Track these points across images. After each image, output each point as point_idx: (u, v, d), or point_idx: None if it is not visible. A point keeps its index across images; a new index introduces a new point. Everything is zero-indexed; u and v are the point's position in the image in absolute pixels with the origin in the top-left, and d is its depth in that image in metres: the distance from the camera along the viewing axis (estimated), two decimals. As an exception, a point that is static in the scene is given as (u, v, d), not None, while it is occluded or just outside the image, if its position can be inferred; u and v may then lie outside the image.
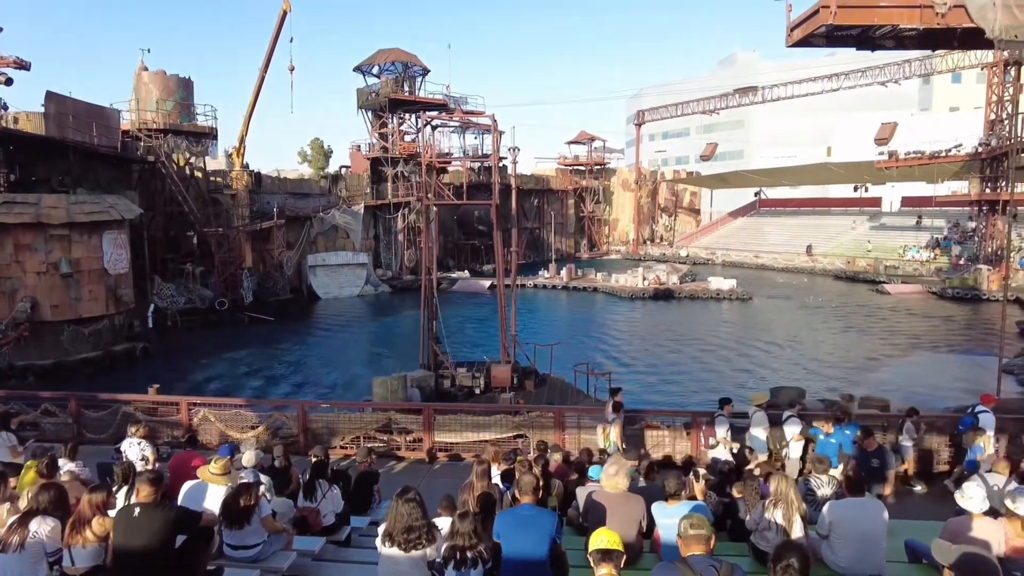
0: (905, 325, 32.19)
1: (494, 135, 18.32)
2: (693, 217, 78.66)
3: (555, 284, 46.75)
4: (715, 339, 29.52)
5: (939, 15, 10.34)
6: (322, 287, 43.28)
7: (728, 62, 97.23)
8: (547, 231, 63.78)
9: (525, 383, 17.69)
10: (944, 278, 41.29)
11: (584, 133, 71.41)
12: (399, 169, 47.67)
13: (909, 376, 22.24)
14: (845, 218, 61.25)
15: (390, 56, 48.00)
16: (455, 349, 21.85)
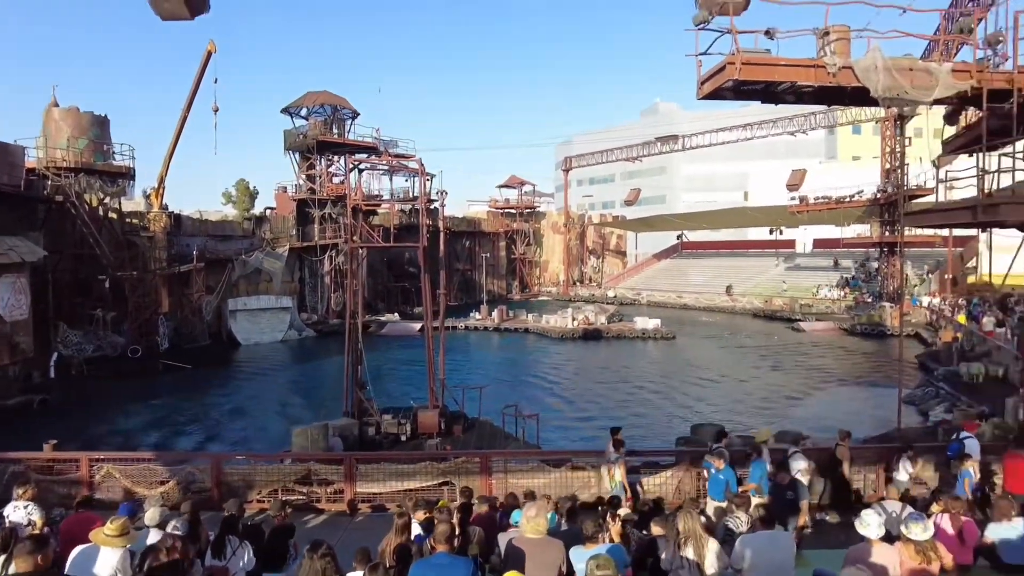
0: (819, 361, 33.82)
1: (421, 178, 18.43)
2: (620, 259, 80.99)
3: (487, 326, 46.78)
4: (641, 378, 30.12)
5: (831, 74, 11.19)
6: (243, 332, 41.65)
7: (650, 111, 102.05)
8: (479, 273, 64.02)
9: (453, 428, 17.44)
10: (853, 315, 43.83)
11: (515, 177, 72.87)
12: (326, 211, 47.06)
13: (823, 409, 23.27)
14: (762, 259, 64.42)
15: (319, 99, 47.86)
16: (382, 395, 21.39)
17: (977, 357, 24.55)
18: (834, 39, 11.44)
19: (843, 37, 11.47)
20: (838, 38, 11.44)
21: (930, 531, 4.84)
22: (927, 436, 14.22)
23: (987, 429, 14.08)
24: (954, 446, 9.98)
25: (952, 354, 26.21)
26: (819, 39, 11.70)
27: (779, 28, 11.87)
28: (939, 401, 21.80)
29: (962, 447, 9.67)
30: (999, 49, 12.14)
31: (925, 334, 35.61)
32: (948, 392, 22.52)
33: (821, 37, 11.63)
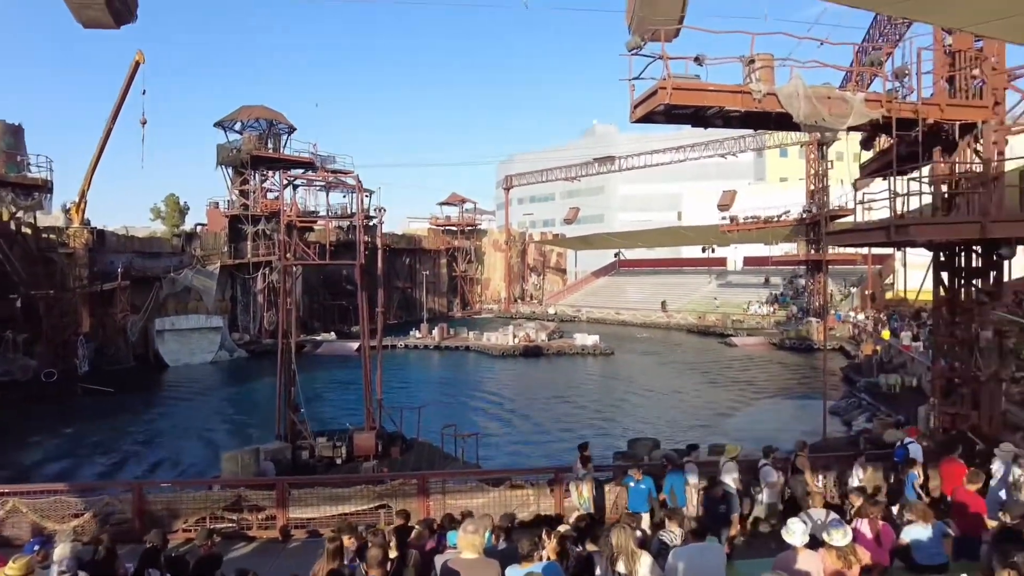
0: (750, 374, 34.99)
1: (359, 195, 18.19)
2: (560, 276, 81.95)
3: (427, 344, 46.31)
4: (581, 394, 30.42)
5: (756, 100, 11.72)
6: (171, 354, 39.83)
7: (589, 133, 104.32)
8: (419, 291, 63.47)
9: (390, 450, 17.09)
10: (782, 330, 45.63)
11: (456, 195, 72.92)
12: (260, 227, 45.77)
13: (754, 421, 24.06)
14: (696, 277, 66.42)
15: (254, 112, 46.76)
16: (317, 417, 20.83)
17: (895, 369, 25.96)
18: (759, 67, 11.98)
19: (767, 65, 12.03)
20: (763, 66, 11.99)
21: (849, 536, 5.04)
22: (850, 445, 14.87)
23: (902, 435, 14.84)
24: (899, 452, 10.54)
25: (872, 366, 27.63)
26: (745, 67, 12.23)
27: (708, 55, 12.37)
28: (861, 411, 22.90)
29: (907, 452, 10.24)
30: (905, 81, 13.03)
31: (848, 347, 37.40)
32: (869, 402, 23.70)
33: (747, 65, 12.16)
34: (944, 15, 8.78)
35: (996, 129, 12.96)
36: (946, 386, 13.48)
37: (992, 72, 12.95)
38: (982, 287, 12.97)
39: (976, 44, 12.98)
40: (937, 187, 13.30)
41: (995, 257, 12.71)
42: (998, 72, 13.02)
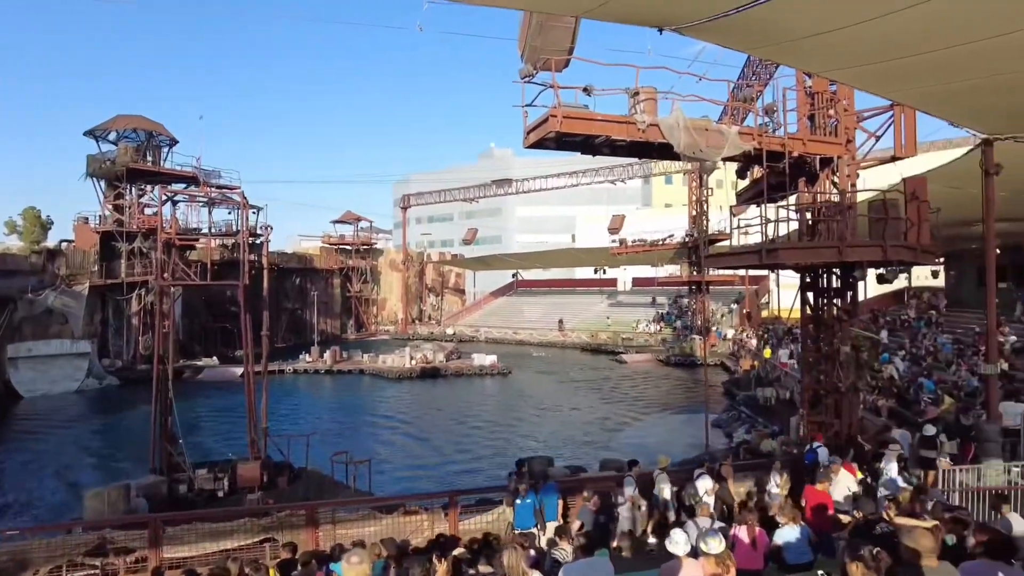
0: (640, 390, 36.37)
1: (244, 211, 17.32)
2: (459, 297, 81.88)
3: (318, 368, 44.59)
4: (479, 415, 30.36)
5: (641, 131, 12.33)
6: (26, 383, 35.93)
7: (487, 155, 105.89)
8: (310, 312, 61.21)
9: (277, 480, 16.23)
10: (668, 347, 47.88)
11: (350, 213, 71.26)
12: (136, 245, 42.57)
13: (644, 436, 24.99)
14: (589, 297, 68.48)
15: (131, 122, 43.70)
16: (198, 447, 19.49)
17: (770, 383, 27.86)
18: (643, 99, 12.64)
19: (651, 98, 12.71)
20: (647, 98, 12.65)
21: (723, 544, 5.31)
22: (732, 455, 15.77)
23: (775, 445, 15.94)
24: (809, 455, 11.33)
25: (751, 381, 29.54)
26: (631, 98, 12.85)
27: (596, 86, 12.91)
28: (740, 423, 24.39)
29: (816, 456, 11.02)
30: (774, 117, 14.23)
31: (729, 363, 39.79)
32: (748, 415, 25.30)
33: (632, 97, 12.80)
34: (801, 60, 9.66)
35: (849, 164, 14.39)
36: (813, 397, 14.63)
37: (844, 113, 14.40)
38: (841, 306, 14.24)
39: (831, 87, 14.40)
40: (802, 214, 14.54)
41: (851, 279, 14.02)
42: (849, 113, 14.49)
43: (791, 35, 7.30)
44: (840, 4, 6.19)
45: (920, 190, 13.00)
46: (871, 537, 5.49)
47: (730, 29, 6.94)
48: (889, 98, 12.18)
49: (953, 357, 21.70)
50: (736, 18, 6.55)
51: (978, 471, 11.16)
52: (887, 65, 8.01)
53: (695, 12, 6.68)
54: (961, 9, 6.03)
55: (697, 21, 6.85)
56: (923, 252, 13.08)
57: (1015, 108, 9.44)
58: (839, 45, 7.31)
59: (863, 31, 6.74)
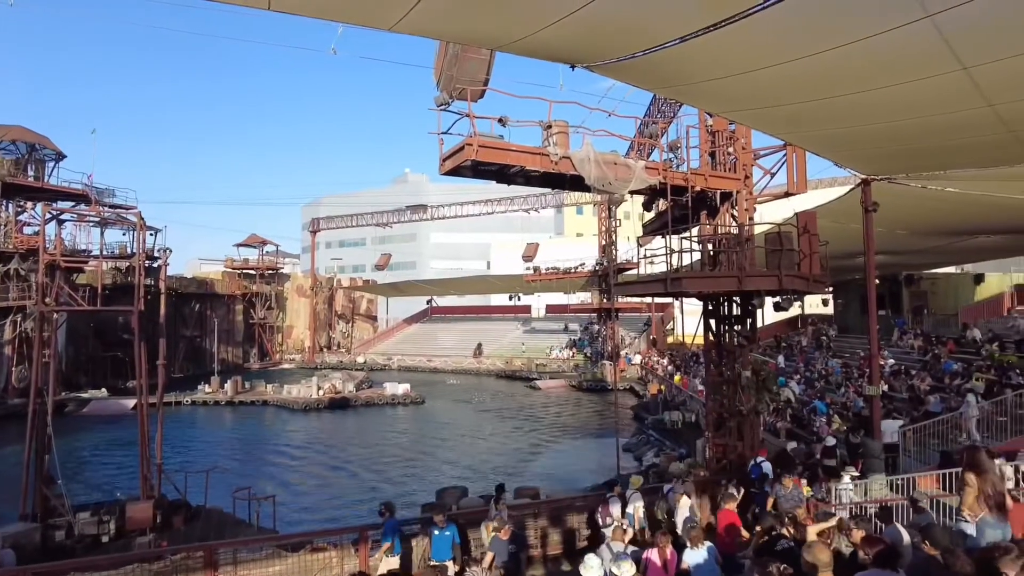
0: (553, 415, 36.71)
1: (140, 232, 16.25)
2: (370, 324, 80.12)
3: (218, 399, 42.20)
4: (391, 446, 29.62)
5: (553, 162, 12.66)
6: None
7: (401, 180, 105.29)
8: (210, 340, 58.08)
9: (172, 520, 15.09)
10: (580, 373, 48.78)
11: (255, 236, 68.56)
12: (13, 267, 39.08)
13: (558, 461, 25.17)
14: (504, 323, 68.90)
15: (9, 133, 40.35)
16: (82, 488, 17.87)
17: (676, 406, 28.89)
18: (556, 132, 13.02)
19: (563, 131, 13.11)
20: (559, 132, 13.04)
21: (633, 568, 5.41)
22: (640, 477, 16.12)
23: (683, 467, 16.46)
24: (755, 470, 11.73)
25: (658, 404, 30.50)
26: (544, 131, 13.21)
27: (511, 117, 13.16)
28: (649, 447, 25.07)
29: (761, 469, 11.39)
30: (678, 153, 15.02)
31: (638, 388, 40.95)
32: (656, 438, 26.06)
33: (546, 129, 13.15)
34: (700, 101, 10.27)
35: (747, 198, 15.34)
36: (717, 420, 15.26)
37: (742, 151, 15.39)
38: (741, 332, 15.02)
39: (731, 126, 15.38)
40: (704, 245, 15.32)
41: (749, 306, 14.84)
42: (747, 151, 15.50)
43: (692, 78, 7.78)
44: (733, 55, 6.69)
45: (811, 224, 14.01)
46: (775, 553, 5.75)
47: (637, 69, 7.32)
48: (780, 139, 13.14)
49: (842, 380, 23.32)
50: (643, 60, 6.92)
51: (865, 485, 11.99)
52: (777, 110, 8.68)
53: (605, 52, 7.00)
54: (839, 65, 6.64)
55: (607, 61, 7.18)
56: (814, 282, 14.04)
57: (888, 152, 10.44)
58: (733, 89, 7.86)
59: (754, 79, 7.30)
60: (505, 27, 6.43)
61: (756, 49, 6.60)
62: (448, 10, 5.96)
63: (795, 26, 6.01)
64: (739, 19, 5.75)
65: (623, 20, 6.13)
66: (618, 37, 6.61)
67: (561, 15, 5.85)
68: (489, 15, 6.23)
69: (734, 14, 5.63)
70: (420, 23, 6.11)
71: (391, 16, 5.88)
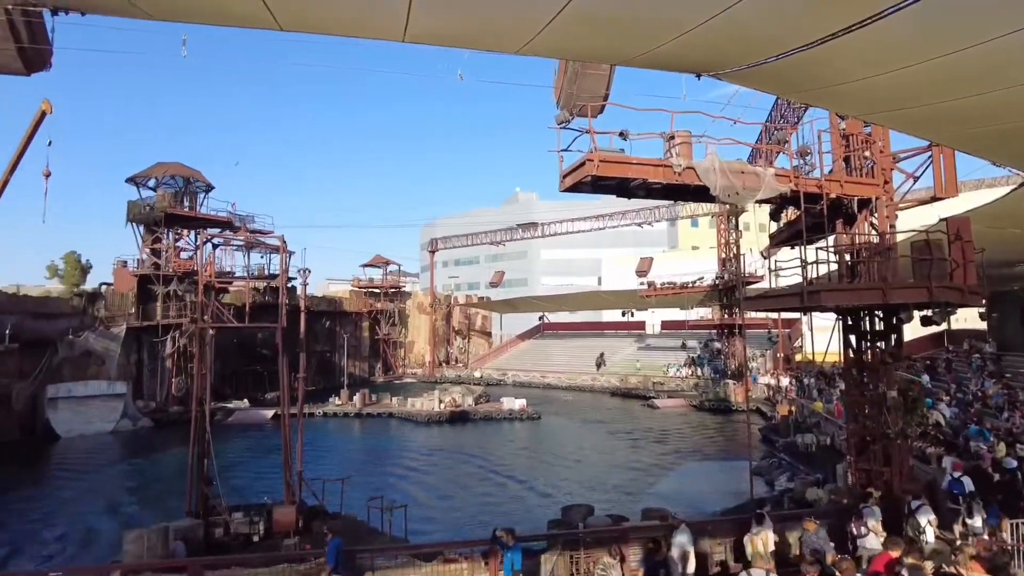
0: (674, 436, 35.59)
1: (283, 255, 17.69)
2: (485, 339, 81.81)
3: (347, 411, 44.59)
4: (511, 460, 29.90)
5: (677, 174, 12.42)
6: (64, 424, 36.48)
7: (512, 200, 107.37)
8: (339, 355, 61.62)
9: (312, 525, 16.07)
10: (700, 392, 47.01)
11: (379, 257, 72.26)
12: (172, 288, 43.61)
13: (681, 483, 24.33)
14: (617, 340, 67.89)
15: (169, 169, 45.27)
16: (231, 490, 19.45)
17: (809, 428, 27.12)
18: (678, 143, 12.78)
19: (686, 141, 12.85)
20: (682, 142, 12.80)
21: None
22: (775, 504, 15.27)
23: (823, 494, 15.40)
24: (957, 486, 11.31)
25: (789, 426, 28.76)
26: (666, 142, 13.01)
27: (631, 130, 13.08)
28: (781, 471, 23.64)
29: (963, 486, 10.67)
30: (808, 159, 14.24)
31: (765, 409, 38.85)
32: (788, 462, 24.55)
33: (668, 140, 12.95)
34: (838, 104, 9.70)
35: (888, 205, 14.26)
36: (859, 444, 14.17)
37: (880, 154, 14.35)
38: (885, 348, 13.90)
39: (866, 129, 14.40)
40: (841, 256, 14.37)
41: (895, 321, 13.72)
42: (885, 155, 14.44)
43: (829, 81, 7.35)
44: (880, 52, 6.25)
45: (964, 230, 12.82)
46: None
47: (767, 75, 7.02)
48: (929, 139, 12.14)
49: (1004, 403, 20.94)
50: (773, 65, 6.64)
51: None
52: (927, 109, 8.00)
53: (735, 59, 6.78)
54: (997, 57, 6.04)
55: (737, 68, 6.96)
56: (970, 293, 12.79)
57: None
58: (877, 90, 7.34)
59: (902, 77, 6.77)
60: (631, 42, 6.41)
61: (898, 47, 6.15)
62: (576, 30, 6.04)
63: (941, 21, 5.56)
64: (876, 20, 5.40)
65: (756, 27, 5.94)
66: (750, 44, 6.41)
67: (691, 26, 5.76)
68: (616, 32, 6.25)
69: (870, 15, 5.31)
70: (547, 45, 6.23)
71: (520, 40, 6.04)
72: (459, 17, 5.76)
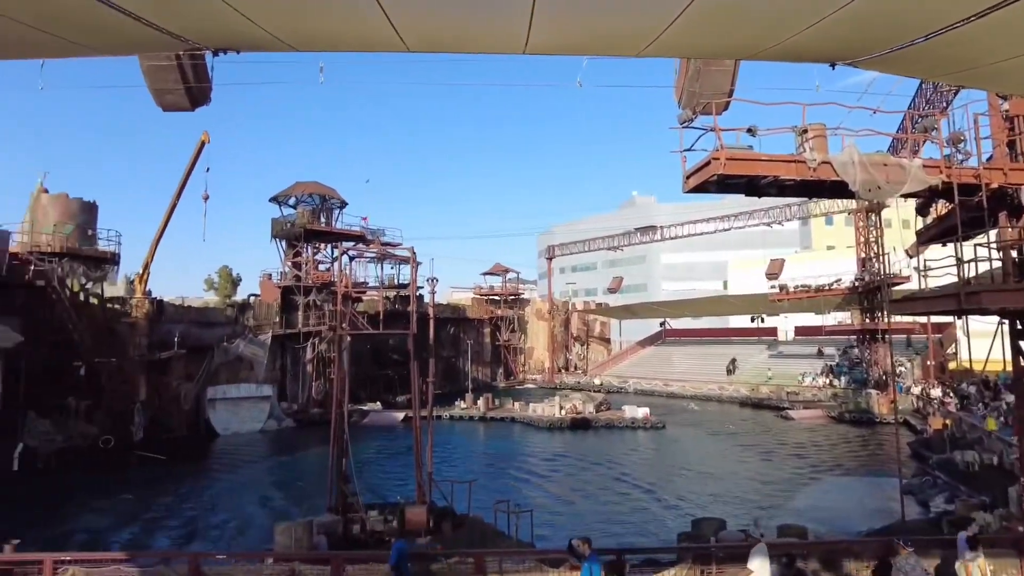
0: (811, 449, 33.37)
1: (412, 266, 18.57)
2: (604, 346, 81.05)
3: (472, 415, 45.85)
4: (634, 469, 29.34)
5: (811, 169, 11.72)
6: (222, 422, 40.40)
7: (629, 204, 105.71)
8: (463, 360, 63.52)
9: (442, 525, 16.63)
10: (840, 403, 43.74)
11: (499, 265, 73.88)
12: (311, 298, 47.03)
13: (820, 500, 22.72)
14: (746, 347, 64.72)
15: (308, 188, 48.94)
16: (365, 489, 20.58)
17: (969, 445, 24.40)
18: (812, 136, 12.06)
19: (820, 134, 12.11)
20: (815, 135, 12.07)
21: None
22: (932, 527, 13.87)
23: (992, 519, 13.80)
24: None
25: (944, 442, 26.05)
26: (798, 136, 12.32)
27: (759, 126, 12.50)
28: (938, 491, 21.41)
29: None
30: (961, 147, 12.88)
31: (914, 421, 35.48)
32: (945, 481, 22.18)
33: (800, 134, 12.26)
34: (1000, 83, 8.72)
35: (1064, 193, 12.60)
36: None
37: (1055, 136, 12.73)
38: (1065, 358, 12.27)
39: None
40: (1006, 252, 12.86)
41: (1077, 325, 12.08)
42: (1059, 137, 12.78)
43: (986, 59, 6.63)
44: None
45: None
46: None
47: (914, 58, 6.43)
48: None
49: None
50: (922, 46, 6.08)
51: None
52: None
53: (878, 44, 6.27)
54: None
55: (877, 53, 6.45)
56: None
57: None
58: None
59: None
60: (763, 34, 6.13)
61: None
62: (702, 27, 5.87)
63: None
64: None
65: (905, 6, 5.48)
66: (896, 26, 5.92)
67: (831, 11, 5.42)
68: (747, 24, 6.00)
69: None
70: (670, 44, 6.09)
71: (642, 43, 5.96)
72: (580, 26, 5.79)
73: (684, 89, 12.73)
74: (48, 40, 3.67)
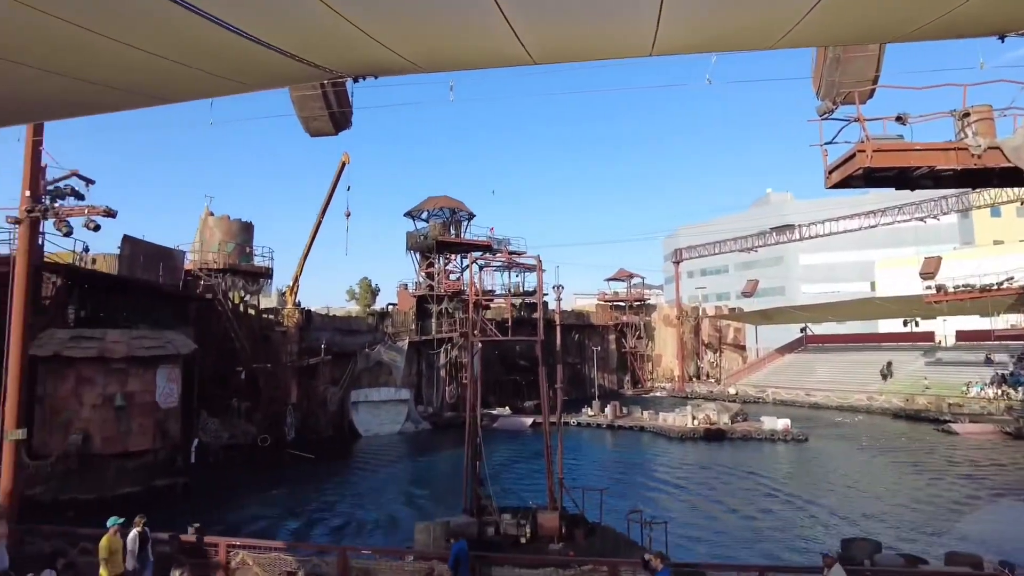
0: (981, 469, 29.85)
1: (539, 274, 18.85)
2: (739, 353, 77.22)
3: (599, 422, 45.46)
4: (774, 484, 27.65)
5: (975, 156, 10.63)
6: (363, 424, 43.05)
7: (762, 202, 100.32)
8: (589, 367, 63.22)
9: (575, 533, 16.63)
10: (1017, 417, 38.78)
11: (623, 270, 72.83)
12: (443, 306, 48.97)
13: (996, 525, 20.26)
14: (898, 354, 59.14)
15: (438, 203, 51.15)
16: (497, 492, 21.06)
17: None
18: (975, 119, 10.99)
19: (986, 117, 11.01)
20: (980, 118, 10.99)
21: None
22: None
23: None
24: None
25: None
26: (957, 121, 11.28)
27: (910, 113, 11.53)
28: None
29: None
30: None
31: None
32: None
33: (960, 119, 11.21)
34: None
35: None
36: None
37: None
38: None
39: None
40: None
41: None
42: None
43: None
44: None
45: None
46: None
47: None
48: None
49: None
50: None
51: None
52: None
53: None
54: None
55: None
56: None
57: None
58: None
59: None
60: (912, 13, 5.66)
61: None
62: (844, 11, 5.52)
63: None
64: None
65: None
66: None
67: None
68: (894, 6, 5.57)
69: None
70: (808, 33, 5.77)
71: (776, 34, 5.70)
72: (709, 22, 5.65)
73: (823, 79, 11.99)
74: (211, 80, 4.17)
